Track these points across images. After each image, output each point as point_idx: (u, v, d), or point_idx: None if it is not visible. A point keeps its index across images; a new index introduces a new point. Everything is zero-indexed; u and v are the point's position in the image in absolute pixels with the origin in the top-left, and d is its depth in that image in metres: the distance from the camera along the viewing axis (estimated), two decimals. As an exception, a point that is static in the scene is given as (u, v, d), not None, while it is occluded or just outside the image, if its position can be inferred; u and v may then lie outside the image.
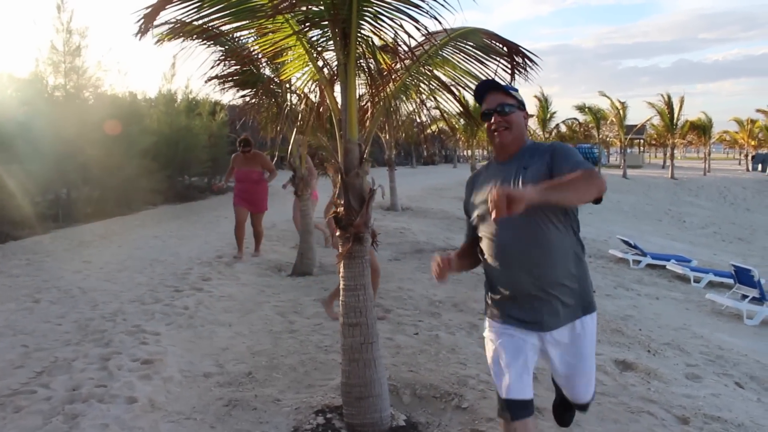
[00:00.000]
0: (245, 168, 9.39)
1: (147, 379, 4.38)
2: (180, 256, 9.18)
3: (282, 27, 3.82)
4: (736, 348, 7.85)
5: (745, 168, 49.08)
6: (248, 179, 9.35)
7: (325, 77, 3.82)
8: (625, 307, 9.25)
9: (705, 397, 4.80)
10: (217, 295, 6.96)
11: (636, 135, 46.04)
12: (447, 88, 4.26)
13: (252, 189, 9.38)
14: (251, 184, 9.36)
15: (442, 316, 6.41)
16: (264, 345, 5.33)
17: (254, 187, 9.37)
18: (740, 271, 11.70)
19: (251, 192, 9.38)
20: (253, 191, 9.38)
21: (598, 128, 37.59)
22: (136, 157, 14.35)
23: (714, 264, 15.83)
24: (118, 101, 15.72)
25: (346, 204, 3.53)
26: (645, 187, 33.72)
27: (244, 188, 9.40)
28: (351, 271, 3.59)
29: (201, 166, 18.94)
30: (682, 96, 39.34)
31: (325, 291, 7.19)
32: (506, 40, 4.02)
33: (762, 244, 24.82)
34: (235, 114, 12.27)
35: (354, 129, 3.53)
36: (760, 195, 34.02)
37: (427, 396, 4.21)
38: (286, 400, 4.12)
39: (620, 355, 5.68)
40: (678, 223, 27.84)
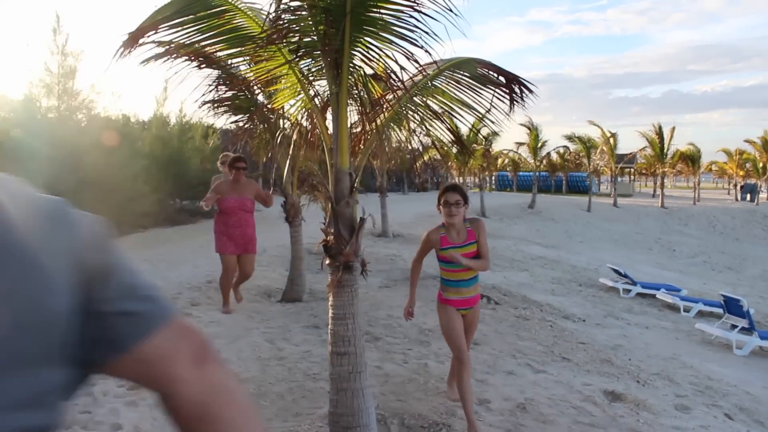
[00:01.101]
0: (236, 196, 7.23)
1: (133, 406, 4.33)
2: (169, 281, 9.12)
3: (275, 55, 3.85)
4: (725, 378, 7.85)
5: (734, 198, 49.43)
6: (242, 209, 7.27)
7: (316, 106, 3.85)
8: (615, 337, 9.25)
9: (694, 429, 4.80)
10: (205, 320, 6.91)
11: (627, 164, 46.36)
12: (439, 118, 4.29)
13: (245, 223, 7.30)
14: (244, 218, 7.30)
15: (431, 345, 6.38)
16: (252, 372, 5.28)
17: (247, 221, 7.34)
18: (729, 301, 11.74)
19: (244, 227, 7.28)
20: (246, 226, 7.31)
21: (589, 157, 37.82)
22: (128, 180, 14.33)
23: (704, 293, 15.87)
24: (111, 124, 15.75)
25: (336, 233, 3.53)
26: (635, 216, 33.87)
27: (235, 223, 7.22)
28: (340, 299, 3.59)
29: (192, 190, 18.91)
30: (672, 126, 39.76)
31: (315, 318, 7.16)
32: (503, 70, 4.05)
33: (751, 273, 24.93)
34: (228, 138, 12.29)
35: (345, 158, 3.54)
36: (748, 225, 34.22)
37: (415, 426, 4.18)
38: (273, 428, 4.08)
39: (609, 386, 5.67)
40: (668, 251, 27.93)
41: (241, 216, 7.24)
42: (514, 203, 33.86)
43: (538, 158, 35.55)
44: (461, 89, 4.19)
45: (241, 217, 7.25)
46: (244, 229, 7.30)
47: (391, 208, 18.32)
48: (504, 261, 15.66)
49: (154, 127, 18.27)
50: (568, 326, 8.67)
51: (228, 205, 7.19)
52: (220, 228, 7.31)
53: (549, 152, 42.98)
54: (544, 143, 35.33)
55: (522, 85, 4.02)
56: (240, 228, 7.25)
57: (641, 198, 47.07)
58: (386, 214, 17.39)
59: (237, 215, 7.22)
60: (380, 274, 10.72)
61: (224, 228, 7.26)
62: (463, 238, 4.46)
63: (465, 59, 4.17)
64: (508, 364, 5.89)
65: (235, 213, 7.21)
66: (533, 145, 34.73)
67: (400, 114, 4.30)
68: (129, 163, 14.60)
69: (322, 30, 3.46)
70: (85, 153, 12.83)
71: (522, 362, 6.05)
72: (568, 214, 32.30)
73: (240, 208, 7.22)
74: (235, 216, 7.21)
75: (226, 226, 7.25)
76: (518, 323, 7.89)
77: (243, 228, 7.28)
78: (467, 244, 4.44)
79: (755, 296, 17.60)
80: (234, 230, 7.23)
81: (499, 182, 55.12)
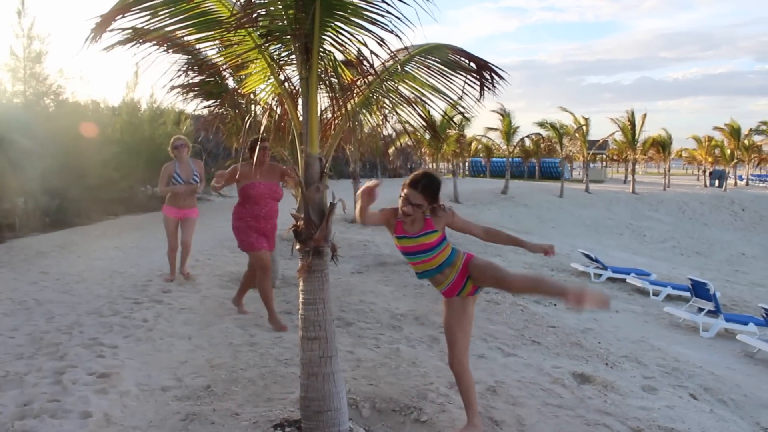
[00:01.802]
0: (267, 181, 6.22)
1: (103, 394, 4.31)
2: (140, 268, 9.05)
3: (244, 40, 3.82)
4: (691, 360, 8.02)
5: (703, 184, 50.23)
6: (272, 197, 6.28)
7: (286, 91, 3.83)
8: (585, 320, 9.38)
9: (660, 409, 4.89)
10: (177, 307, 6.87)
11: (598, 150, 46.82)
12: (410, 103, 4.29)
13: (275, 214, 6.39)
14: (274, 208, 6.35)
15: (403, 330, 6.43)
16: (223, 358, 5.28)
17: (276, 212, 6.39)
18: (697, 284, 11.98)
19: (274, 219, 6.41)
20: (275, 217, 6.41)
21: (561, 143, 38.11)
22: (98, 167, 14.14)
23: (672, 277, 16.15)
24: (80, 109, 15.50)
25: (306, 218, 3.53)
26: (607, 202, 34.28)
27: (267, 214, 6.25)
28: (310, 285, 3.59)
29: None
30: (644, 113, 40.18)
31: (288, 303, 7.16)
32: (474, 56, 4.05)
33: (718, 258, 25.43)
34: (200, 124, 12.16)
35: (315, 143, 3.54)
36: (716, 210, 34.83)
37: (387, 409, 4.21)
38: (244, 413, 4.09)
39: (579, 368, 5.76)
40: (638, 237, 28.35)
41: (271, 206, 6.24)
42: (487, 189, 34.06)
43: (511, 144, 35.72)
44: (433, 75, 4.18)
45: (272, 207, 6.25)
46: (274, 221, 6.39)
47: (365, 194, 18.27)
48: (476, 246, 15.74)
49: (125, 112, 18.01)
50: (539, 310, 8.77)
51: (257, 192, 6.10)
52: (246, 221, 6.17)
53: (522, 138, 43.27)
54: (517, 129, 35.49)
55: (493, 71, 4.02)
56: (271, 220, 6.31)
57: (613, 184, 47.62)
58: (359, 201, 17.35)
59: (267, 205, 6.19)
60: (353, 260, 10.74)
61: (253, 221, 6.17)
62: (418, 228, 3.91)
63: (436, 45, 4.16)
64: (479, 348, 5.95)
65: (265, 202, 6.16)
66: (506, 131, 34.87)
67: (371, 99, 4.29)
68: (99, 150, 14.40)
69: (292, 14, 3.44)
70: (54, 139, 12.61)
71: (493, 346, 6.12)
72: (540, 199, 32.57)
73: (270, 196, 6.19)
74: (266, 206, 6.18)
75: (255, 219, 6.17)
76: (489, 308, 7.96)
77: (273, 220, 6.35)
78: (422, 234, 3.89)
79: (722, 280, 17.97)
80: (265, 223, 6.24)
81: (473, 168, 55.36)
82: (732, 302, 13.75)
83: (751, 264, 24.48)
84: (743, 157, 49.51)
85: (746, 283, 18.79)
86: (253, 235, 6.16)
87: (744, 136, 47.02)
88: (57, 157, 12.67)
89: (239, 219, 6.23)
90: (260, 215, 6.17)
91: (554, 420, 4.27)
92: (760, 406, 6.74)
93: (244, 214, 6.19)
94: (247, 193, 6.14)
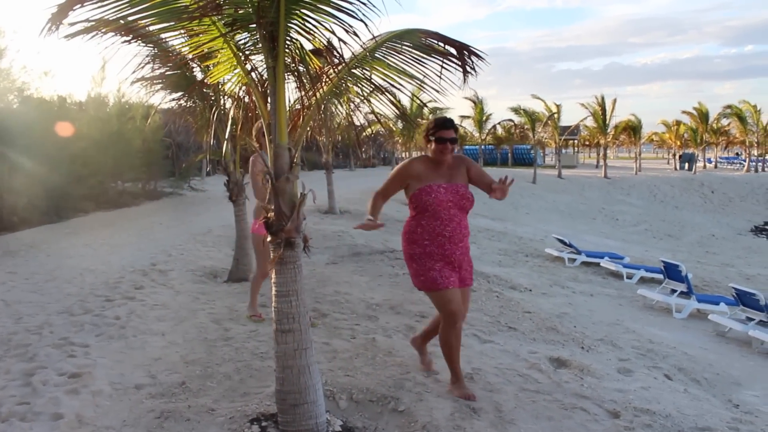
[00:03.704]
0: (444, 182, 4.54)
1: (74, 394, 4.22)
2: (112, 265, 8.91)
3: (209, 29, 3.74)
4: (665, 341, 8.13)
5: (673, 167, 50.91)
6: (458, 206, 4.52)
7: (253, 80, 3.76)
8: (560, 305, 9.45)
9: (635, 391, 4.93)
10: (149, 303, 6.77)
11: (570, 136, 47.18)
12: (382, 91, 4.23)
13: (465, 231, 4.56)
14: (462, 222, 4.58)
15: (379, 320, 6.40)
16: (198, 354, 5.21)
17: (466, 227, 4.60)
18: (669, 266, 12.13)
19: (465, 239, 4.57)
20: (465, 235, 4.59)
21: (534, 130, 38.35)
22: (66, 163, 13.88)
23: (645, 260, 16.34)
24: (45, 105, 15.19)
25: (276, 209, 3.48)
26: (579, 187, 34.57)
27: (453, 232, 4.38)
28: (283, 277, 3.54)
29: (134, 171, 18.46)
30: (614, 98, 40.59)
31: (262, 296, 7.08)
32: (450, 39, 3.92)
33: (689, 239, 25.81)
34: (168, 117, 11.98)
35: (283, 133, 3.48)
36: (687, 193, 35.34)
37: (364, 400, 4.19)
38: (220, 409, 4.03)
39: (555, 353, 5.79)
40: (611, 221, 28.66)
41: (458, 219, 4.33)
42: (461, 177, 34.05)
43: (483, 131, 35.83)
44: (405, 61, 4.09)
45: (459, 220, 4.34)
46: (466, 243, 4.43)
47: (338, 184, 18.24)
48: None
49: (92, 108, 17.70)
50: (514, 296, 8.81)
51: (436, 199, 4.26)
52: (423, 245, 4.30)
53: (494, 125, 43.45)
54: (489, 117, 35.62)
55: (473, 53, 3.92)
56: (462, 242, 4.36)
57: (585, 169, 48.06)
58: (333, 191, 17.30)
59: (454, 218, 4.30)
60: (327, 251, 10.68)
61: (433, 244, 4.28)
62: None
63: (407, 30, 4.08)
64: (456, 336, 5.94)
65: (450, 214, 4.29)
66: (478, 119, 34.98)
67: (340, 88, 4.23)
68: (66, 146, 14.13)
69: (256, 2, 3.37)
70: (19, 136, 12.34)
71: (469, 333, 6.11)
72: (513, 186, 32.38)
73: (456, 204, 4.32)
74: (451, 220, 4.29)
75: (437, 241, 4.28)
76: (466, 295, 7.96)
77: (465, 241, 4.40)
78: None
79: (693, 261, 18.23)
80: (453, 247, 4.29)
81: (447, 157, 55.36)
82: (703, 283, 13.95)
83: (721, 245, 24.88)
84: (712, 140, 50.28)
85: (717, 263, 19.09)
86: (434, 265, 4.25)
87: (712, 120, 47.73)
88: (23, 154, 12.41)
89: (412, 242, 4.34)
90: (444, 234, 4.27)
91: (532, 405, 4.28)
92: (732, 383, 6.86)
93: (419, 234, 4.31)
94: (420, 200, 4.29)
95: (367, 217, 4.23)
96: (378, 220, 4.20)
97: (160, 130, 19.57)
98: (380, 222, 4.20)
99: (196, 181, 22.41)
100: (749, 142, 47.28)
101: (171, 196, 19.93)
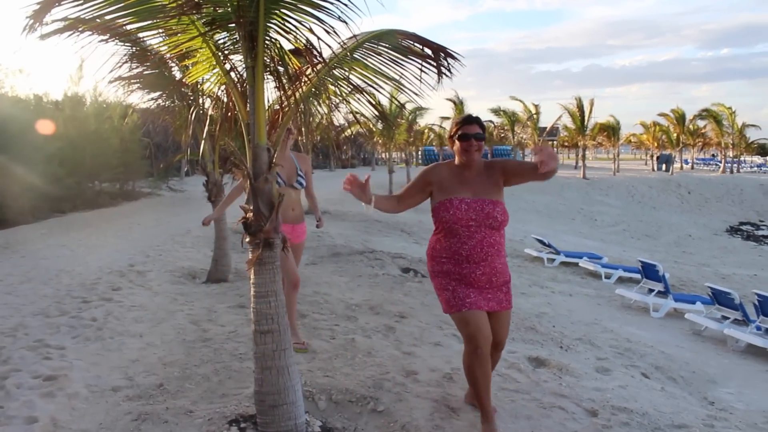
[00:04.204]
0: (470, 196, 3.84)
1: (50, 397, 4.17)
2: (89, 266, 8.81)
3: (188, 28, 3.71)
4: (643, 340, 8.21)
5: (651, 168, 51.43)
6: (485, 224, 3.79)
7: (232, 80, 3.74)
8: (539, 305, 9.51)
9: (613, 389, 4.97)
10: (127, 305, 6.71)
11: (549, 137, 47.47)
12: (361, 92, 4.23)
13: (495, 251, 3.83)
14: (491, 238, 3.81)
15: (358, 320, 6.39)
16: (176, 355, 5.17)
17: (498, 246, 3.87)
18: (646, 266, 12.26)
19: (493, 258, 3.83)
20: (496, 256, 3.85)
21: (513, 130, 38.56)
22: (42, 163, 13.71)
23: (623, 260, 16.50)
24: (21, 104, 15.00)
25: (255, 209, 3.46)
26: (558, 188, 34.77)
27: (476, 250, 3.75)
28: (261, 277, 3.53)
29: (112, 171, 18.27)
30: (591, 99, 40.88)
31: (241, 297, 7.06)
32: (427, 40, 3.97)
33: (666, 239, 26.10)
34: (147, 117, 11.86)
35: (262, 133, 3.47)
36: (664, 193, 35.73)
37: (343, 401, 4.18)
38: (198, 411, 4.00)
39: (534, 352, 5.82)
40: (590, 221, 28.89)
41: (479, 237, 3.75)
42: (442, 178, 34.13)
43: (463, 132, 35.93)
44: (383, 62, 4.11)
45: (482, 238, 3.75)
46: (493, 263, 3.80)
47: (318, 184, 18.04)
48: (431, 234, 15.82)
49: (68, 107, 17.50)
50: (494, 296, 8.83)
51: (455, 216, 3.74)
52: (441, 263, 3.85)
53: (474, 126, 43.44)
54: (469, 117, 35.70)
55: (449, 55, 3.96)
56: (484, 262, 3.76)
57: (564, 170, 48.32)
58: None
59: (474, 236, 3.75)
60: (307, 251, 10.64)
61: (452, 262, 3.80)
62: None
63: (385, 31, 4.09)
64: (435, 336, 5.97)
65: (471, 232, 3.75)
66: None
67: (319, 88, 4.22)
68: (42, 145, 13.96)
69: (236, 1, 3.35)
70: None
71: (448, 333, 6.13)
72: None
73: (480, 221, 3.75)
74: (472, 237, 3.74)
75: (456, 259, 3.79)
76: (445, 295, 7.98)
77: (489, 260, 3.78)
78: None
79: (670, 261, 18.45)
80: (473, 268, 3.75)
81: (426, 157, 55.50)
82: (680, 282, 14.12)
83: (698, 245, 25.20)
84: (688, 142, 50.89)
85: (693, 263, 19.33)
86: (448, 285, 3.78)
87: (689, 122, 48.33)
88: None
89: (432, 258, 3.93)
90: (461, 253, 3.75)
91: (511, 404, 4.30)
92: (708, 381, 6.95)
93: (438, 251, 3.88)
94: (438, 216, 3.84)
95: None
96: (371, 205, 3.69)
97: (138, 130, 19.41)
98: (371, 197, 3.67)
99: (175, 181, 22.24)
100: (725, 143, 47.97)
101: (149, 196, 19.78)
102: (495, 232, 3.77)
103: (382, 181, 25.06)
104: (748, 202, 36.05)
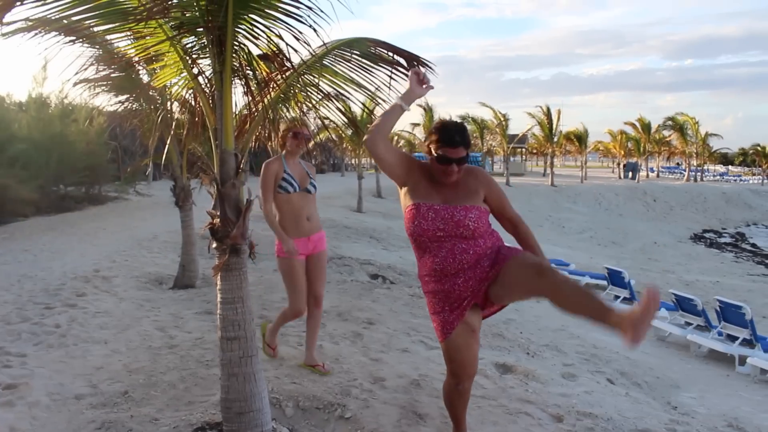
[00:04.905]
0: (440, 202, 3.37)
1: (9, 406, 4.08)
2: (53, 271, 8.65)
3: (156, 32, 3.68)
4: (608, 346, 8.30)
5: (618, 176, 52.23)
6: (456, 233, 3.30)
7: (200, 85, 3.71)
8: (507, 311, 9.44)
9: (579, 395, 5.03)
10: (92, 311, 6.60)
11: (518, 144, 47.94)
12: (331, 98, 4.24)
13: (468, 260, 3.30)
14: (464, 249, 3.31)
15: (326, 326, 6.36)
16: (142, 362, 5.10)
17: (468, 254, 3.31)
18: (612, 273, 12.44)
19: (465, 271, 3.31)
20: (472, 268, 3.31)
21: (482, 138, 38.89)
22: (4, 165, 13.44)
23: (590, 267, 16.69)
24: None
25: (222, 215, 3.44)
26: (527, 195, 35.11)
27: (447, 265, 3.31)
28: (228, 283, 3.51)
29: (78, 175, 17.96)
30: (558, 108, 41.49)
31: (208, 303, 6.99)
32: (399, 49, 4.01)
33: (633, 247, 26.50)
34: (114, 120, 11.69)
35: (230, 138, 3.45)
36: (631, 201, 36.33)
37: (311, 407, 4.17)
38: (164, 418, 3.95)
39: (501, 359, 5.86)
40: (558, 228, 29.21)
41: (449, 246, 3.31)
42: (412, 184, 34.21)
43: (433, 139, 36.13)
44: (353, 69, 4.13)
45: (452, 247, 3.31)
46: (474, 269, 3.31)
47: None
48: (400, 241, 15.86)
49: (33, 108, 17.18)
50: (462, 303, 8.87)
51: (420, 228, 3.32)
52: (425, 281, 3.46)
53: (444, 133, 43.64)
54: (440, 124, 35.92)
55: (421, 64, 3.99)
56: (463, 272, 3.31)
57: (533, 177, 48.89)
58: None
59: (443, 246, 3.31)
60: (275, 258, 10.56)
61: (433, 280, 3.40)
62: None
63: (356, 38, 4.12)
64: (403, 342, 5.97)
65: (441, 240, 3.31)
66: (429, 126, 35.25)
67: (288, 94, 4.22)
68: (4, 147, 13.69)
69: (204, 6, 3.34)
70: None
71: (416, 339, 6.15)
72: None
73: (450, 232, 3.30)
74: (440, 249, 3.32)
75: (435, 277, 3.38)
76: (412, 302, 8.01)
77: (466, 269, 3.31)
78: None
79: (636, 268, 18.72)
80: (451, 280, 3.32)
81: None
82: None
83: (663, 252, 25.62)
84: (654, 150, 51.82)
85: (658, 270, 19.66)
86: (437, 307, 3.41)
87: (654, 131, 49.25)
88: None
89: (419, 277, 3.56)
90: (435, 269, 3.35)
91: (477, 411, 4.33)
92: (671, 386, 7.06)
93: (420, 268, 3.48)
94: (406, 226, 3.44)
95: None
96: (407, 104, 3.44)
97: (104, 133, 19.10)
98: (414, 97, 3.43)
99: (142, 185, 21.95)
100: (689, 152, 48.96)
101: (116, 200, 19.46)
102: (469, 240, 3.29)
103: (351, 187, 25.05)
104: (711, 210, 36.88)
